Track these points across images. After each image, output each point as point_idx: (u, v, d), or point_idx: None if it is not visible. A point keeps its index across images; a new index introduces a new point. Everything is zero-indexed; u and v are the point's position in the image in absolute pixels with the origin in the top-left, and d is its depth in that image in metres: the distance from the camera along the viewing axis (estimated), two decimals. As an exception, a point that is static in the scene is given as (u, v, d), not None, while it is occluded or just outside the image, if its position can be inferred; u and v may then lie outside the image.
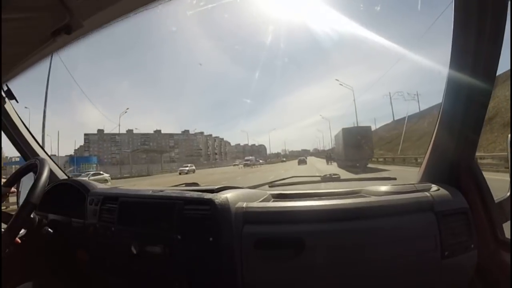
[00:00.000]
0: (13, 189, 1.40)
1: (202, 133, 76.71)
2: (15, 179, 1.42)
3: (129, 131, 60.40)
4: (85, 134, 60.29)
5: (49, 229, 1.27)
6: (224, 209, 1.05)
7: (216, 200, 1.06)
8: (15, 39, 1.35)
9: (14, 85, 1.65)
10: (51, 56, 1.49)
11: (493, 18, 0.96)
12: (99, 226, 1.30)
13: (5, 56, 1.48)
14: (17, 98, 1.65)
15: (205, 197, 1.10)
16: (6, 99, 1.66)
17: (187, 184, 1.62)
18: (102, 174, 21.16)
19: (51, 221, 1.46)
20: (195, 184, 1.63)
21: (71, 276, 1.53)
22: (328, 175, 1.57)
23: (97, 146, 60.17)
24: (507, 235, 1.15)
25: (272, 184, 1.51)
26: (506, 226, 1.17)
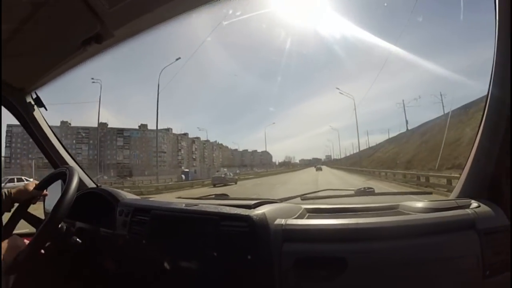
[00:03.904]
0: (45, 191, 1.42)
1: (168, 130, 60.38)
2: (44, 185, 1.43)
3: (64, 123, 47.89)
4: (8, 126, 42.16)
5: (78, 239, 1.26)
6: (262, 226, 1.01)
7: (254, 217, 1.03)
8: (46, 48, 1.36)
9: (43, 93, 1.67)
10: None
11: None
12: (129, 238, 1.28)
13: (35, 64, 1.49)
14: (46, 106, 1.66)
15: (242, 213, 1.06)
16: (35, 107, 1.68)
17: (217, 196, 1.60)
18: None
19: (78, 229, 1.45)
20: (225, 195, 1.60)
21: (97, 286, 1.53)
22: (362, 189, 1.52)
23: (21, 140, 46.93)
24: None
25: (304, 197, 1.46)
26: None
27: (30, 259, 1.06)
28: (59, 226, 1.20)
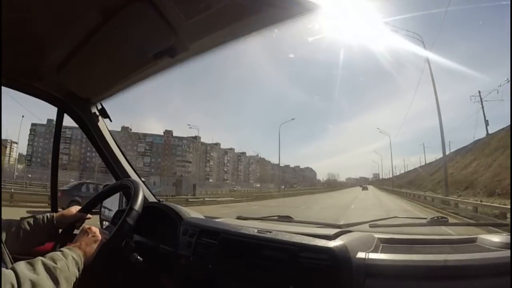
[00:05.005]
0: (88, 215, 1.35)
1: (196, 138, 55.42)
2: (97, 199, 1.41)
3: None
4: (32, 124, 47.10)
5: (138, 257, 1.22)
6: (345, 260, 0.93)
7: (336, 250, 0.95)
8: (116, 60, 1.36)
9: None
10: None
11: None
12: (193, 260, 1.23)
13: (103, 76, 1.51)
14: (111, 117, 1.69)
15: (323, 245, 0.99)
16: (100, 117, 1.71)
17: (280, 217, 1.53)
18: None
19: (137, 243, 1.43)
20: (289, 217, 1.53)
21: None
22: (435, 218, 1.39)
23: (43, 140, 48.00)
24: None
25: (373, 224, 1.36)
26: None
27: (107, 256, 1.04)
28: None
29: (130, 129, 52.79)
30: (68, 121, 1.77)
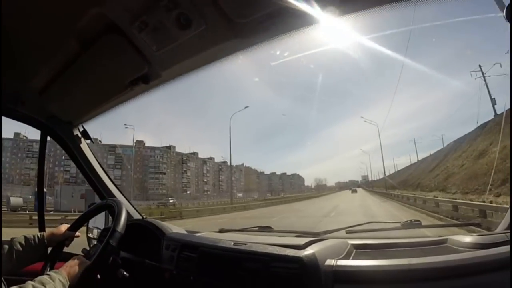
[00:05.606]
0: (77, 233, 1.41)
1: (170, 147, 52.74)
2: (84, 218, 1.46)
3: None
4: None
5: (125, 273, 1.28)
6: (313, 267, 1.00)
7: (305, 258, 1.02)
8: (94, 86, 1.42)
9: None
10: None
11: None
12: (176, 273, 1.30)
13: (83, 101, 1.56)
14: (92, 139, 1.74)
15: (293, 254, 1.06)
16: (82, 139, 1.76)
17: (261, 228, 1.60)
18: None
19: (123, 259, 1.48)
20: (269, 228, 1.61)
21: None
22: (408, 221, 1.46)
23: (10, 155, 46.05)
24: None
25: (349, 230, 1.44)
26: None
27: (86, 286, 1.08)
28: None
29: (100, 141, 49.61)
30: (35, 135, 1.80)
